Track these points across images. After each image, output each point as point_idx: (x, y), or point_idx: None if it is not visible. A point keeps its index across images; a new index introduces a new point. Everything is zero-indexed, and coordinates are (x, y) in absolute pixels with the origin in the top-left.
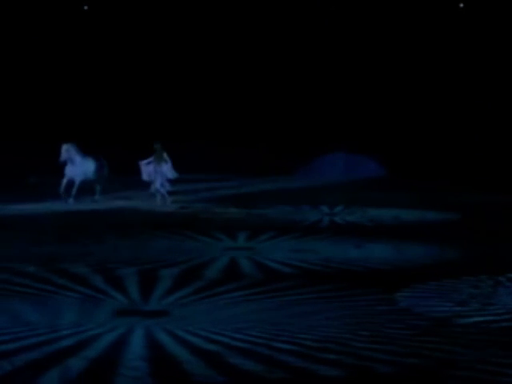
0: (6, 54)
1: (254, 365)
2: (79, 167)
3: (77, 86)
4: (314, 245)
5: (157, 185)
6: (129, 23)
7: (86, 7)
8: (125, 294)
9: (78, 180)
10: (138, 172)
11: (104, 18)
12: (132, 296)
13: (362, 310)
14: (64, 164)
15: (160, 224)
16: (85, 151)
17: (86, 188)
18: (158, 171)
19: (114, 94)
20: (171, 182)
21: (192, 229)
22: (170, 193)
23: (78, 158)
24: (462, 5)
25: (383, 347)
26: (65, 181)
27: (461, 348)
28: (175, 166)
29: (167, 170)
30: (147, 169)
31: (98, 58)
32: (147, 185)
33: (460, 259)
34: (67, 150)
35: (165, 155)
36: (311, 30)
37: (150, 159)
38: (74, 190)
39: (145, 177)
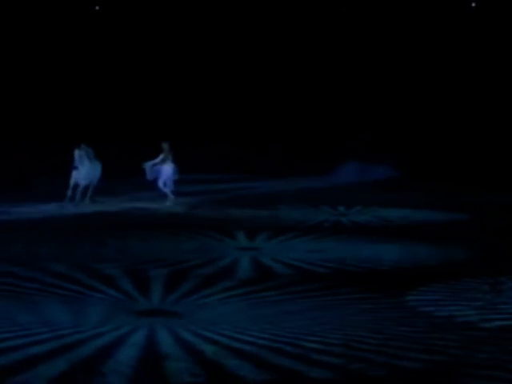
0: (15, 54)
1: (244, 366)
2: (86, 171)
3: (87, 87)
4: (328, 245)
5: (159, 183)
6: (143, 23)
7: (97, 7)
8: (127, 292)
9: (82, 184)
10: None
11: (115, 18)
12: (137, 295)
13: (371, 311)
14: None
15: (173, 224)
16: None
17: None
18: (163, 170)
19: (126, 94)
20: (175, 182)
21: (206, 229)
22: (178, 193)
23: (86, 162)
24: (474, 4)
25: (383, 349)
26: (71, 183)
27: (472, 348)
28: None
29: (173, 170)
30: (153, 169)
31: (109, 58)
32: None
33: (470, 259)
34: (80, 156)
35: (171, 155)
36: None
37: (156, 160)
38: (78, 193)
39: (149, 176)
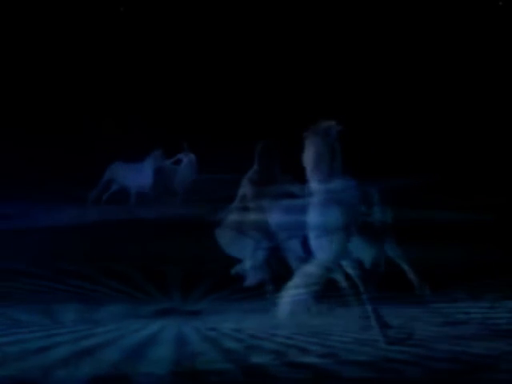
0: (52, 54)
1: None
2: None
3: (116, 86)
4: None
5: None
6: (171, 27)
7: (122, 9)
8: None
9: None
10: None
11: (142, 19)
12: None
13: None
14: None
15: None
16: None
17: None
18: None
19: (135, 94)
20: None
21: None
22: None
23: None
24: (501, 3)
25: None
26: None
27: (493, 351)
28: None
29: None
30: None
31: (136, 59)
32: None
33: (494, 260)
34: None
35: None
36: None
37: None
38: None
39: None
